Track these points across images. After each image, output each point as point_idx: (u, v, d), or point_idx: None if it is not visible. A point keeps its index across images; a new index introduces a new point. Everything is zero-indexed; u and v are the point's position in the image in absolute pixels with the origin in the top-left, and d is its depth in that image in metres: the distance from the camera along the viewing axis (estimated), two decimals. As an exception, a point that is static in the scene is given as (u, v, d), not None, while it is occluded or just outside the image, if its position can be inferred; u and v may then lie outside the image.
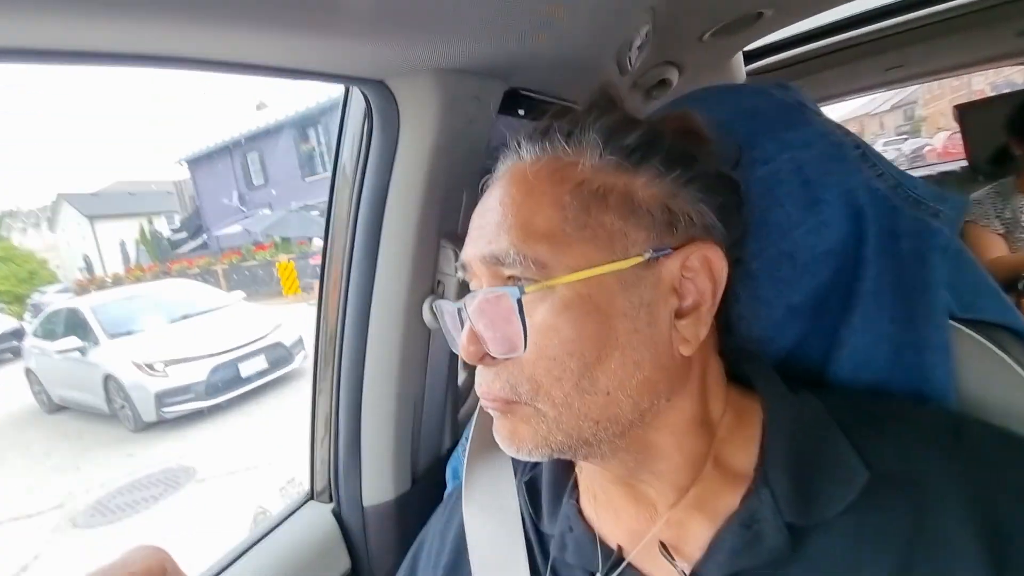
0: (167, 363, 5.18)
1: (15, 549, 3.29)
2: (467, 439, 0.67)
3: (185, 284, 7.90)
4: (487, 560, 0.48)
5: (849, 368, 0.46)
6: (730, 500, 0.39)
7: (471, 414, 0.73)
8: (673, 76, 1.06)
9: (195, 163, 22.37)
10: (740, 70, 1.39)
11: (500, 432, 0.40)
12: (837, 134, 0.48)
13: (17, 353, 10.96)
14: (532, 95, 0.74)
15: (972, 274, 0.48)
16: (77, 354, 5.66)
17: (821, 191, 0.45)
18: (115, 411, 5.38)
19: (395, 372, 0.68)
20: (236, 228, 16.97)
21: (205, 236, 21.46)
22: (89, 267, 22.91)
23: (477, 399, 0.85)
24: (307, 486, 0.75)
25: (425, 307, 0.67)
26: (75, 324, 5.98)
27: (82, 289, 19.65)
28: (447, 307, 0.44)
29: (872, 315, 0.45)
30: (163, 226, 25.32)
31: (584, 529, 0.44)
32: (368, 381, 0.68)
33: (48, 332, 6.47)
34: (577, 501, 0.46)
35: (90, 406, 5.73)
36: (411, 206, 0.63)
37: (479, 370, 0.41)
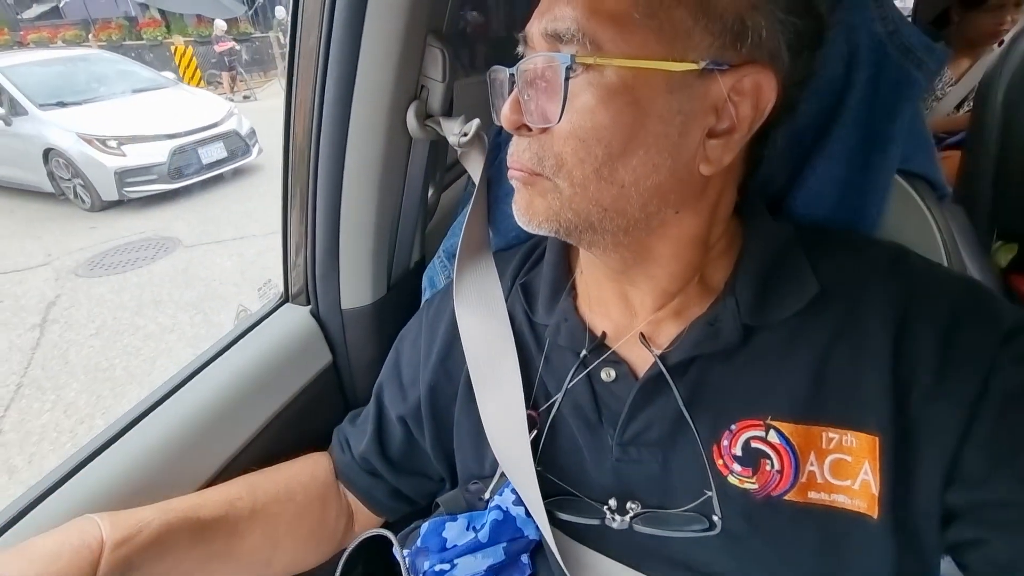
0: (120, 140, 4.80)
1: (30, 296, 3.59)
2: (444, 252, 0.72)
3: (112, 55, 6.87)
4: (479, 345, 0.54)
5: (802, 205, 0.52)
6: (701, 307, 0.45)
7: (439, 232, 0.78)
8: None
9: None
10: None
11: (518, 203, 0.43)
12: None
13: None
14: None
15: (919, 129, 0.53)
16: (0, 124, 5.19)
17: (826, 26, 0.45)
18: (62, 189, 5.15)
19: (376, 181, 0.66)
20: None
21: (59, 2, 17.30)
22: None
23: (441, 217, 0.85)
24: (281, 288, 0.76)
25: (410, 115, 0.63)
26: None
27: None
28: (499, 72, 0.44)
29: (835, 158, 0.50)
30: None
31: (577, 320, 0.50)
32: (347, 186, 0.66)
33: None
34: (573, 300, 0.51)
35: (24, 183, 5.40)
36: None
37: (514, 141, 0.43)
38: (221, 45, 10.15)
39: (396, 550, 0.51)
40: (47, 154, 5.08)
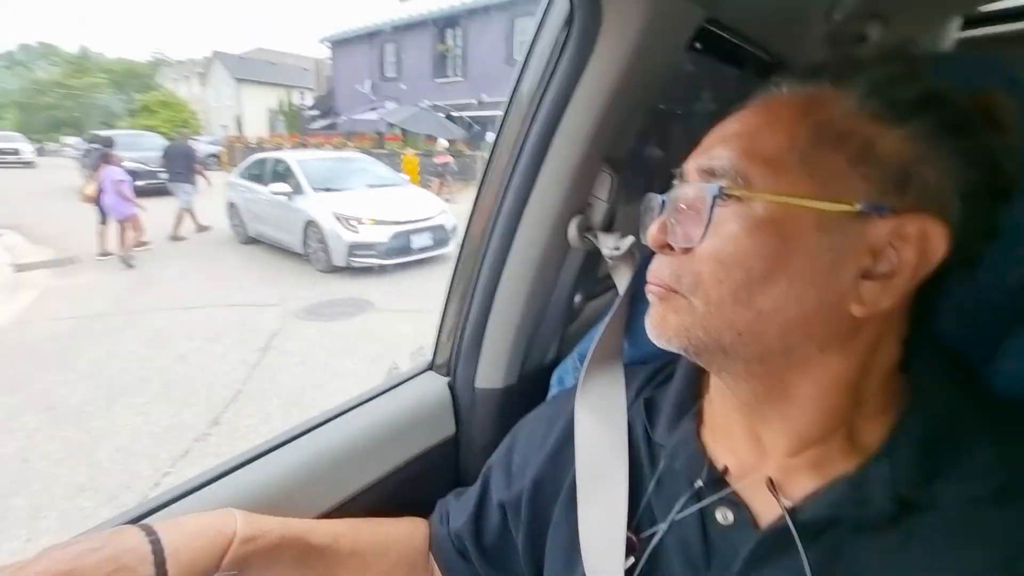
0: (359, 221, 6.10)
1: (262, 326, 4.59)
2: (579, 354, 0.73)
3: (366, 158, 8.91)
4: (591, 451, 0.52)
5: (1006, 379, 0.44)
6: (847, 466, 0.39)
7: (578, 335, 0.79)
8: (874, 32, 0.98)
9: (336, 45, 23.26)
10: (951, 35, 1.22)
11: (651, 317, 0.43)
12: None
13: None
14: (724, 35, 0.72)
15: None
16: (285, 199, 6.80)
17: None
18: (308, 252, 6.58)
19: (530, 278, 0.72)
20: (370, 115, 18.16)
21: (335, 117, 22.93)
22: (238, 126, 25.43)
23: (583, 321, 0.88)
24: (429, 356, 0.83)
25: (572, 226, 0.69)
26: (281, 173, 7.23)
27: (230, 144, 22.13)
28: (653, 199, 0.47)
29: None
30: (298, 100, 27.26)
31: (698, 448, 0.46)
32: (504, 280, 0.73)
33: (254, 176, 7.71)
34: (698, 426, 0.48)
35: (282, 243, 7.03)
36: (586, 124, 0.63)
37: (656, 259, 0.44)
38: (439, 158, 12.51)
39: None
40: (307, 224, 6.50)
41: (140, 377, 3.57)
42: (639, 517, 0.48)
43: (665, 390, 0.54)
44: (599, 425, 0.54)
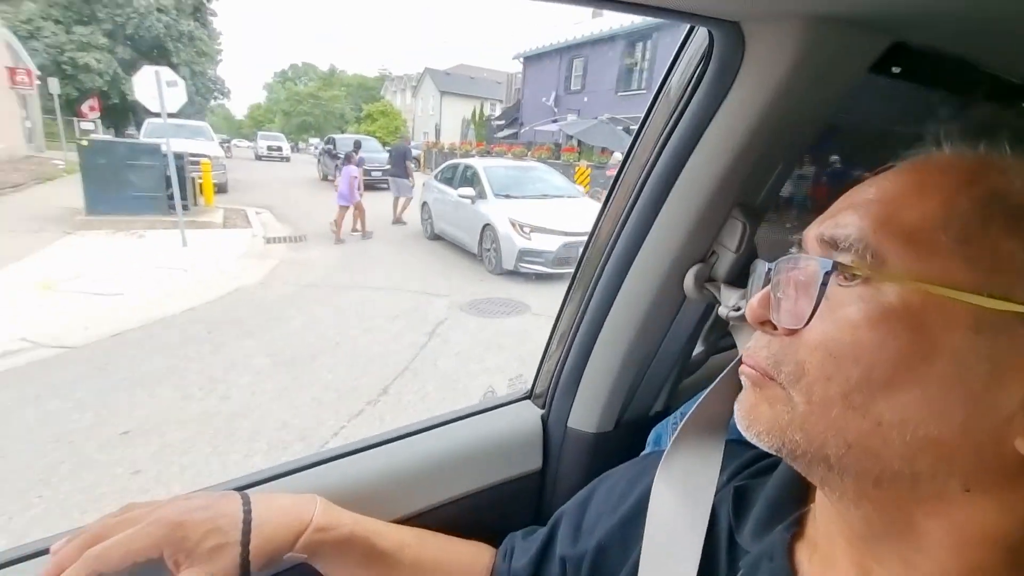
0: (532, 228, 6.50)
1: (431, 314, 5.09)
2: (682, 414, 0.64)
3: (546, 167, 9.18)
4: (662, 532, 0.46)
5: None
6: None
7: (694, 390, 0.70)
8: None
9: (528, 60, 24.83)
10: None
11: (741, 403, 0.37)
12: None
13: (379, 185, 15.05)
14: (926, 51, 0.55)
15: None
16: (469, 202, 7.34)
17: None
18: (481, 252, 7.03)
19: (636, 323, 0.66)
20: (551, 127, 18.97)
21: (518, 127, 24.39)
22: (436, 133, 28.84)
23: (703, 376, 0.79)
24: (529, 385, 0.82)
25: (689, 275, 0.62)
26: (469, 178, 7.78)
27: (428, 149, 25.21)
28: (760, 265, 0.41)
29: None
30: (487, 111, 29.76)
31: (787, 568, 0.38)
32: (610, 320, 0.68)
33: (446, 179, 8.44)
34: (793, 538, 0.40)
35: (461, 243, 7.65)
36: (716, 164, 0.56)
37: (755, 335, 0.37)
38: (611, 171, 12.50)
39: None
40: (485, 227, 6.93)
41: (334, 342, 4.20)
42: None
43: (763, 482, 0.45)
44: (678, 504, 0.47)
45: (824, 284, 0.32)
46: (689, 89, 0.57)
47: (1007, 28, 0.50)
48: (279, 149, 26.13)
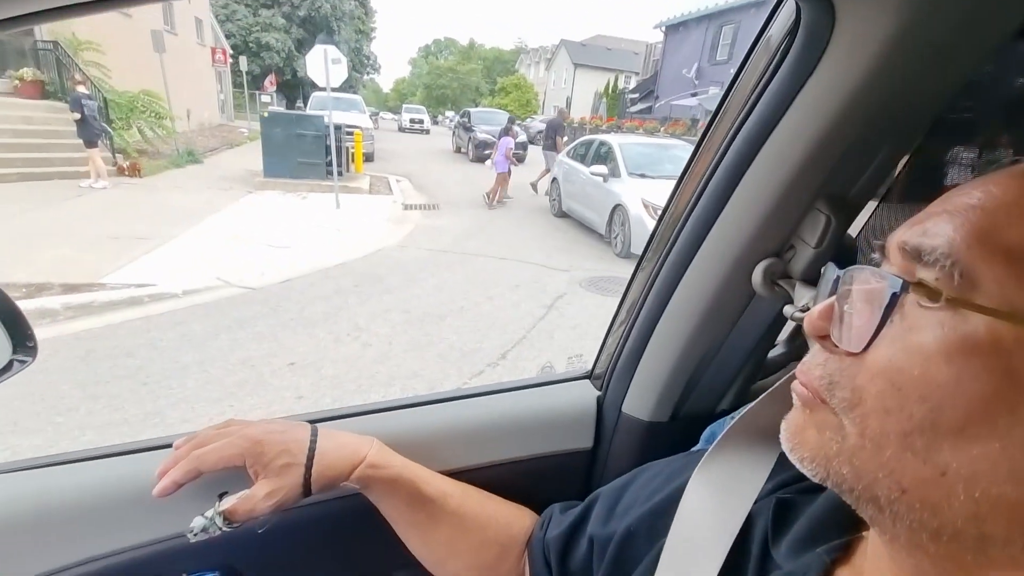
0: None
1: (550, 287, 5.21)
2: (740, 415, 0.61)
3: (685, 145, 8.42)
4: (689, 531, 0.45)
5: None
6: None
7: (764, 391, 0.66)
8: None
9: (671, 28, 23.32)
10: None
11: (788, 423, 0.34)
12: None
13: (521, 159, 15.42)
14: None
15: None
16: (600, 180, 6.93)
17: None
18: (609, 234, 6.69)
19: (698, 314, 0.63)
20: (689, 101, 17.79)
21: (653, 101, 23.20)
22: (568, 106, 28.72)
23: (776, 381, 0.70)
24: (590, 365, 0.82)
25: (759, 268, 0.57)
26: (603, 155, 7.40)
27: (562, 118, 25.11)
28: (830, 271, 0.38)
29: None
30: (622, 84, 28.67)
31: None
32: (671, 308, 0.65)
33: (579, 155, 8.10)
34: (834, 563, 0.37)
35: (588, 222, 7.35)
36: (798, 149, 0.50)
37: (812, 351, 0.34)
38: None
39: None
40: (615, 207, 6.55)
41: (460, 306, 4.45)
42: None
43: (812, 500, 0.42)
44: (712, 504, 0.45)
45: (892, 304, 0.28)
46: (772, 67, 0.51)
47: None
48: (420, 122, 27.26)
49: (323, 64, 7.48)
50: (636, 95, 25.28)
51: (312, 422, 0.63)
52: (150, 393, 2.91)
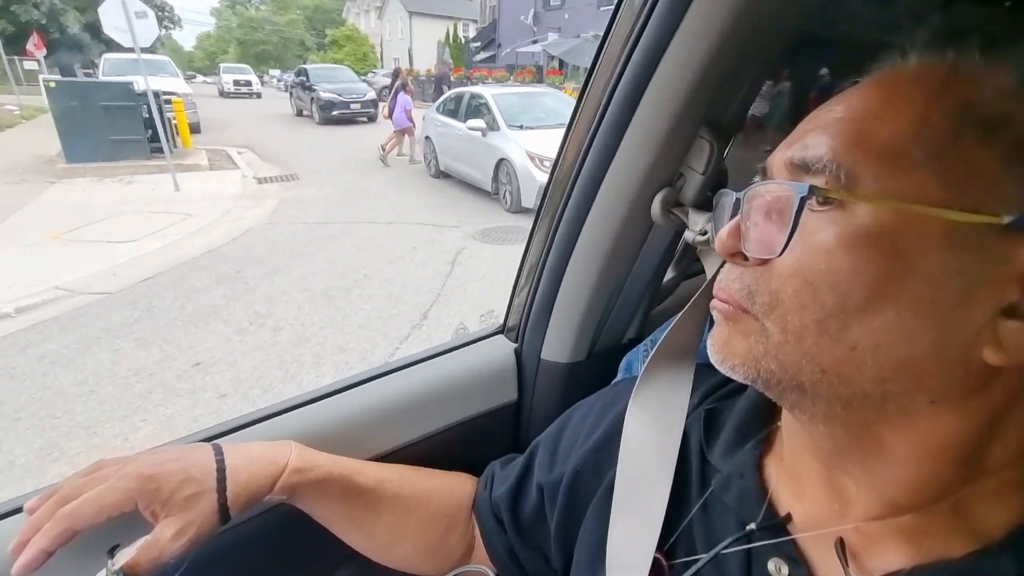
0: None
1: (447, 243, 5.08)
2: (652, 341, 0.64)
3: (557, 93, 8.22)
4: (635, 456, 0.47)
5: None
6: (953, 546, 0.31)
7: (666, 316, 0.70)
8: None
9: (503, -28, 23.28)
10: None
11: (714, 338, 0.36)
12: None
13: (373, 118, 14.36)
14: None
15: None
16: (479, 135, 6.50)
17: None
18: (498, 189, 6.34)
19: (605, 251, 0.64)
20: (532, 48, 18.14)
21: (496, 49, 23.21)
22: (410, 58, 27.17)
23: (674, 302, 0.78)
24: (502, 320, 0.80)
25: (656, 199, 0.59)
26: (477, 108, 6.88)
27: (403, 77, 23.90)
28: (726, 196, 0.39)
29: None
30: (463, 33, 28.00)
31: (756, 483, 0.39)
32: (578, 250, 0.66)
33: (449, 111, 7.47)
34: (761, 455, 0.41)
35: (471, 179, 6.89)
36: (682, 79, 0.52)
37: (725, 267, 0.36)
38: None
39: None
40: (500, 162, 6.20)
41: (363, 275, 4.22)
42: (675, 541, 0.42)
43: (732, 404, 0.46)
44: (650, 428, 0.48)
45: (800, 209, 0.30)
46: (650, 4, 0.51)
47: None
48: (248, 84, 23.53)
49: (123, 18, 6.20)
50: (478, 43, 24.98)
51: (211, 439, 0.55)
52: (32, 428, 2.44)
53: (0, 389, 2.73)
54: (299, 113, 16.09)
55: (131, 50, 6.71)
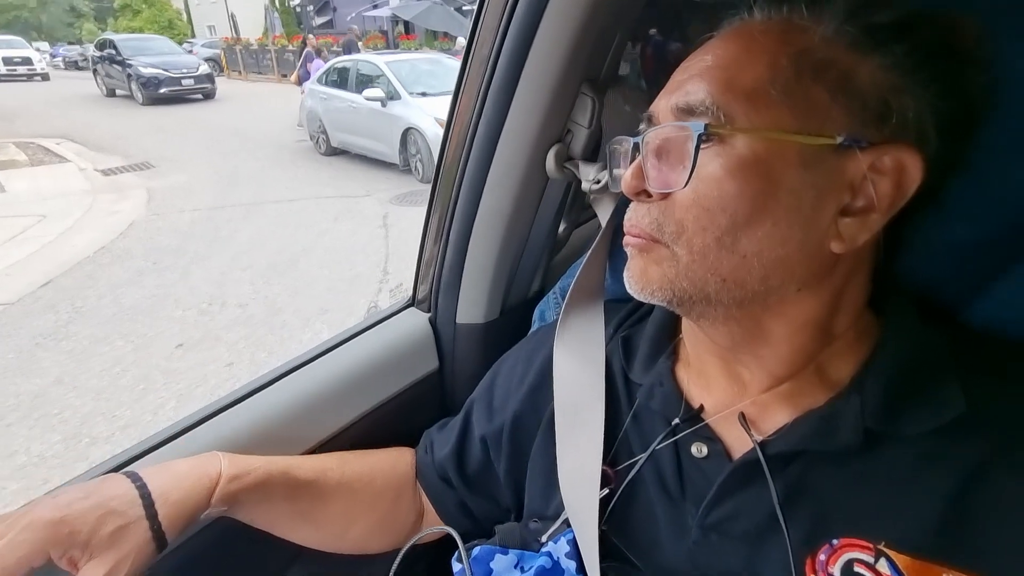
0: None
1: (368, 211, 4.92)
2: (560, 289, 0.68)
3: (448, 58, 7.74)
4: (569, 388, 0.51)
5: (984, 318, 0.42)
6: (818, 399, 0.39)
7: (565, 265, 0.74)
8: None
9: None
10: None
11: (631, 270, 0.41)
12: None
13: (210, 95, 12.53)
14: None
15: None
16: (379, 105, 5.96)
17: None
18: (407, 160, 5.94)
19: (508, 211, 0.66)
20: (375, 12, 17.27)
21: (331, 14, 21.68)
22: (233, 27, 23.82)
23: (570, 251, 0.82)
24: (411, 293, 0.80)
25: (550, 155, 0.62)
26: (371, 77, 6.33)
27: (230, 47, 20.17)
28: (622, 143, 0.44)
29: None
30: (288, -3, 25.41)
31: (673, 387, 0.45)
32: (481, 214, 0.67)
33: (334, 82, 6.82)
34: (672, 364, 0.47)
35: (374, 153, 6.32)
36: (562, 40, 0.54)
37: (632, 207, 0.41)
38: (456, 57, 12.53)
39: (460, 553, 0.49)
40: (406, 132, 5.77)
41: (302, 248, 4.01)
42: (616, 452, 0.47)
43: (641, 328, 0.52)
44: (577, 362, 0.52)
45: (698, 146, 0.35)
46: None
47: None
48: (27, 61, 17.75)
49: None
50: (310, 8, 23.11)
51: (119, 468, 0.50)
52: (38, 428, 2.26)
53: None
54: (111, 93, 13.38)
55: None
